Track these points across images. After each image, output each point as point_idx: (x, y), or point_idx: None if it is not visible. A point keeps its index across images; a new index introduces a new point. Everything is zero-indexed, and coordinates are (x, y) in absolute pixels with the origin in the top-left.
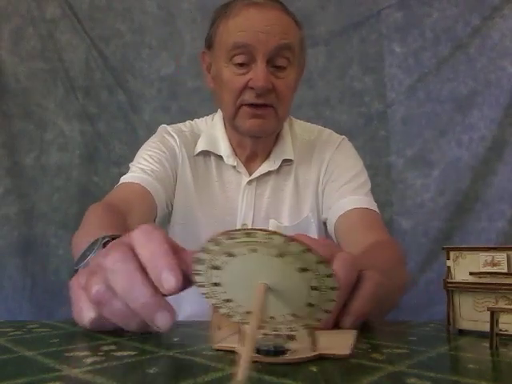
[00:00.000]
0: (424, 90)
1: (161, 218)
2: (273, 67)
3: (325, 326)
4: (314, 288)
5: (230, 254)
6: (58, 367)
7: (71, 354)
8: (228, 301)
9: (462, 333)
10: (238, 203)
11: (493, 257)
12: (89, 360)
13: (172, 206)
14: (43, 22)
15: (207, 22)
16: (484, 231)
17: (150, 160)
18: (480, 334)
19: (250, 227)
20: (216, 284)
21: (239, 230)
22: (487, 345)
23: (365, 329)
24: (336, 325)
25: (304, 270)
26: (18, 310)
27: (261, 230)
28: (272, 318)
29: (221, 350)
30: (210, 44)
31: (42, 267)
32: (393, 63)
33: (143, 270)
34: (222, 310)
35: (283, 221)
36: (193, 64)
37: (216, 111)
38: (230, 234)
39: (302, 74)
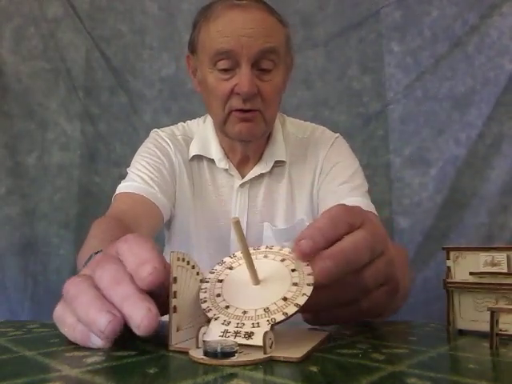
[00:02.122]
0: (422, 88)
1: (163, 227)
2: (258, 70)
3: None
4: (293, 270)
5: (231, 268)
6: (58, 367)
7: (71, 353)
8: (227, 307)
9: (462, 333)
10: (231, 207)
11: (493, 257)
12: (89, 360)
13: (173, 213)
14: (45, 22)
15: None
16: (483, 226)
17: (150, 168)
18: (480, 334)
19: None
20: (218, 295)
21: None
22: (487, 345)
23: (365, 328)
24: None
25: (282, 260)
26: (19, 310)
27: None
28: (267, 309)
29: (176, 351)
30: (193, 48)
31: (43, 267)
32: (391, 62)
33: (101, 296)
34: (211, 314)
35: (278, 223)
36: None
37: None
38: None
39: (290, 73)
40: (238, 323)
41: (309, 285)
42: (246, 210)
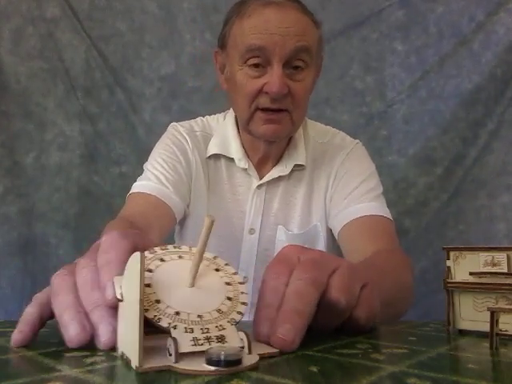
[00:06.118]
0: (426, 87)
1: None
2: (289, 69)
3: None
4: (227, 283)
5: (162, 260)
6: (58, 367)
7: (71, 354)
8: (157, 302)
9: (462, 333)
10: (247, 207)
11: (493, 257)
12: (89, 360)
13: (187, 212)
14: (43, 22)
15: (207, 22)
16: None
17: (166, 166)
18: (480, 334)
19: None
20: (147, 285)
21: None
22: (487, 345)
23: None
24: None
25: (217, 270)
26: (17, 310)
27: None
28: (200, 316)
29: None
30: (223, 44)
31: (41, 267)
32: (394, 62)
33: (75, 301)
34: (150, 314)
35: (293, 227)
36: (193, 63)
37: (224, 111)
38: (163, 246)
39: (319, 74)
40: (201, 328)
41: (243, 303)
42: (261, 211)
